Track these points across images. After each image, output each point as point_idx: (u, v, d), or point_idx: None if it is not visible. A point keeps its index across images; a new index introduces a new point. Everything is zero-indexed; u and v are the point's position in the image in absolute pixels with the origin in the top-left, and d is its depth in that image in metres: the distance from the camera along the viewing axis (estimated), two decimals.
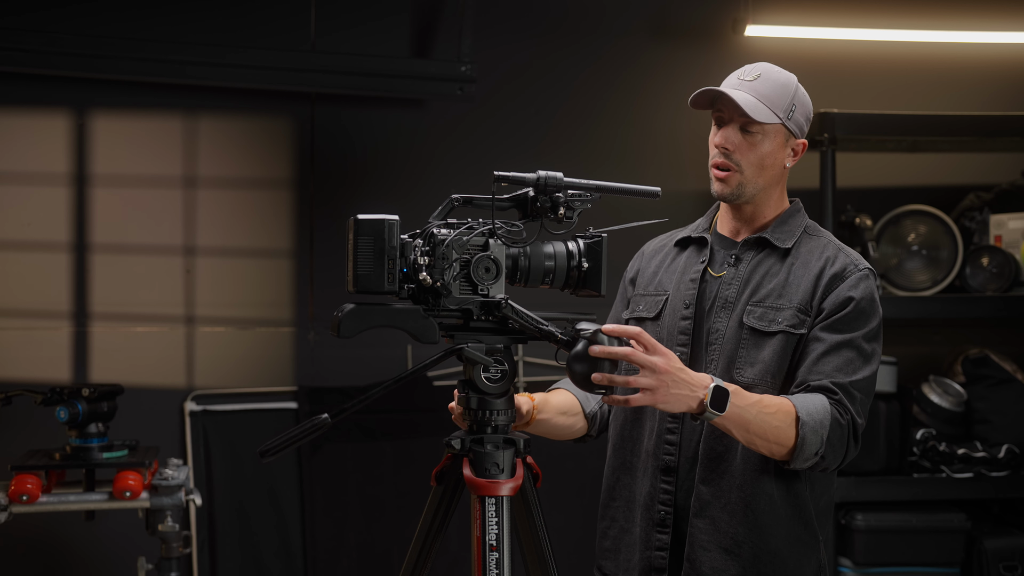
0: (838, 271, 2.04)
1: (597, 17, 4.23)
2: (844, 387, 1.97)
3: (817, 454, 1.93)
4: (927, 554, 3.85)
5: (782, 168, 2.10)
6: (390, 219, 1.82)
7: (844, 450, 1.96)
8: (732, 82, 2.09)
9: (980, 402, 4.02)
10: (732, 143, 2.05)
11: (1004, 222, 4.07)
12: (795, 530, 2.04)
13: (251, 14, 3.95)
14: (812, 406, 1.93)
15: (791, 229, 2.11)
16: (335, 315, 1.83)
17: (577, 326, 1.91)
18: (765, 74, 2.06)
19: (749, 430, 1.90)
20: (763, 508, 2.02)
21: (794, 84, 2.07)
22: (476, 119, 4.13)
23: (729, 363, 2.06)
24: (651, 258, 2.27)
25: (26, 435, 3.56)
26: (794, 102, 2.05)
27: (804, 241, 2.10)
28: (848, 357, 1.99)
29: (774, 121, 2.03)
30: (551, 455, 4.01)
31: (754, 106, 2.02)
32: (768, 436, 1.91)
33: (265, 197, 4.02)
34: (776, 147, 2.06)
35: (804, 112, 2.09)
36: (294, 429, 1.83)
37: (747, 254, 2.12)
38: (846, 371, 1.98)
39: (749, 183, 2.06)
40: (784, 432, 1.91)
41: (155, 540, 3.30)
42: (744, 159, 2.05)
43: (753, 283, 2.08)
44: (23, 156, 3.80)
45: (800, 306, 2.03)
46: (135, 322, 3.87)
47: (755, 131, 2.04)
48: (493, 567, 1.88)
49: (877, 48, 4.26)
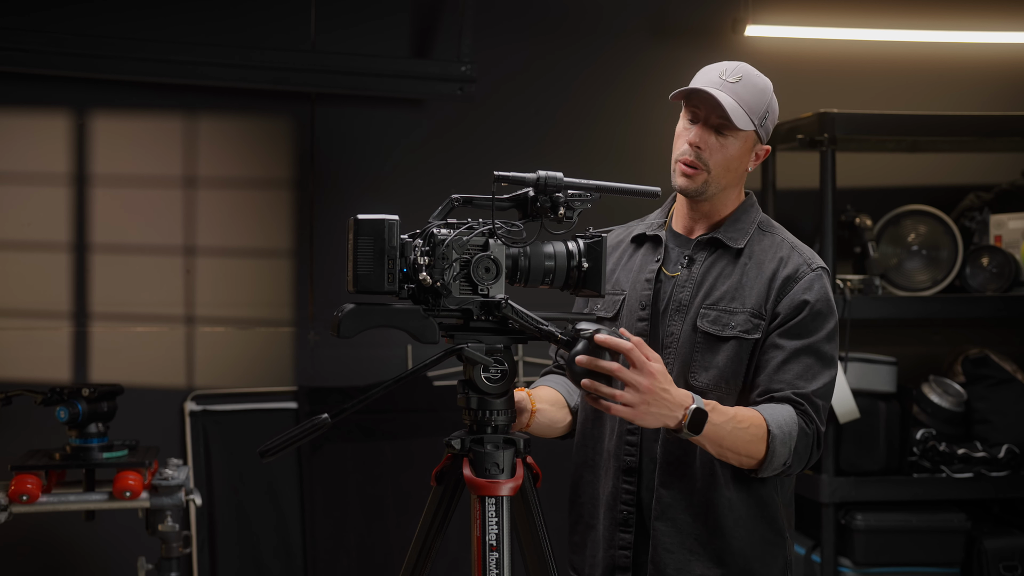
0: (791, 273, 2.03)
1: (597, 17, 4.23)
2: (807, 396, 1.99)
3: (785, 464, 1.96)
4: (927, 554, 3.85)
5: (744, 170, 2.11)
6: (390, 219, 1.82)
7: (808, 456, 1.99)
8: (713, 79, 2.07)
9: (980, 402, 4.02)
10: (705, 143, 2.05)
11: (1004, 222, 4.07)
12: (758, 529, 2.05)
13: (251, 14, 3.95)
14: (781, 418, 1.95)
15: (743, 227, 2.10)
16: (335, 315, 1.83)
17: (577, 326, 1.91)
18: (746, 78, 2.06)
19: (723, 445, 1.92)
20: (723, 510, 2.03)
21: (770, 91, 2.08)
22: (476, 119, 4.13)
23: (684, 367, 2.05)
24: (610, 254, 2.24)
25: (26, 435, 3.56)
26: (768, 110, 2.06)
27: (757, 239, 2.10)
28: (807, 363, 2.00)
29: (750, 128, 2.03)
30: (551, 455, 4.00)
31: (736, 111, 2.01)
32: (740, 450, 1.93)
33: (265, 197, 4.02)
34: (744, 151, 2.07)
35: (773, 119, 2.11)
36: (294, 429, 1.83)
37: (700, 254, 2.11)
38: (806, 378, 1.99)
39: (713, 183, 2.06)
40: (755, 446, 1.93)
41: (155, 540, 3.29)
42: (712, 159, 2.05)
43: (707, 285, 2.07)
44: (23, 156, 3.80)
45: (753, 310, 2.03)
46: (135, 322, 3.87)
47: (729, 134, 2.04)
48: (493, 567, 1.88)
49: (877, 48, 4.26)
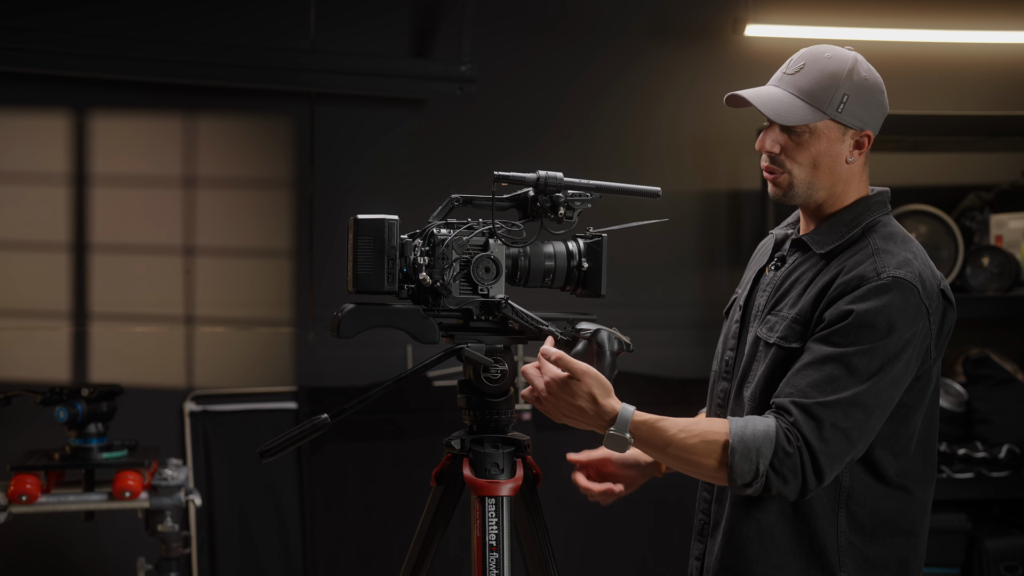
0: (851, 279, 1.81)
1: (597, 16, 4.23)
2: (806, 408, 1.75)
3: (754, 484, 1.75)
4: (928, 554, 3.83)
5: (844, 164, 1.90)
6: (390, 219, 1.82)
7: (800, 481, 1.75)
8: (775, 76, 1.93)
9: (981, 402, 4.02)
10: (776, 145, 1.90)
11: (1005, 222, 4.06)
12: (793, 563, 1.87)
13: (251, 14, 3.95)
14: (751, 431, 1.76)
15: (840, 229, 1.90)
16: (335, 315, 1.83)
17: (577, 326, 1.91)
18: (810, 64, 1.88)
19: (666, 453, 1.80)
20: (749, 535, 1.89)
21: (844, 72, 1.85)
22: (476, 119, 4.12)
23: (743, 375, 1.95)
24: (759, 247, 2.15)
25: (26, 435, 3.56)
26: (845, 92, 1.85)
27: (853, 243, 1.89)
28: (831, 373, 1.76)
29: (811, 120, 1.85)
30: (551, 455, 4.00)
31: (785, 107, 1.86)
32: (689, 464, 1.80)
33: (265, 197, 4.02)
34: (830, 143, 1.88)
35: (863, 99, 1.87)
36: (294, 429, 1.83)
37: (793, 256, 1.97)
38: (823, 389, 1.76)
39: (801, 184, 1.90)
40: (704, 462, 1.78)
41: (155, 540, 3.29)
42: (791, 160, 1.89)
43: (783, 289, 1.93)
44: (23, 156, 3.80)
45: (799, 316, 1.85)
46: (135, 322, 3.87)
47: (800, 131, 1.87)
48: (493, 567, 1.88)
49: (877, 48, 4.23)
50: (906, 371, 1.80)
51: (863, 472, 1.86)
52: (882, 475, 1.86)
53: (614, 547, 4.11)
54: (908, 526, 1.90)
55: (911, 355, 1.79)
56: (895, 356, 1.77)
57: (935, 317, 1.82)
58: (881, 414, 1.79)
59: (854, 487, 1.86)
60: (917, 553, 1.92)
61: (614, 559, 4.11)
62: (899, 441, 1.86)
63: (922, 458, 1.90)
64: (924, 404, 1.88)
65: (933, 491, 1.95)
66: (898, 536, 1.89)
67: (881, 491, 1.87)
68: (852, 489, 1.86)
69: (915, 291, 1.79)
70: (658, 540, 4.11)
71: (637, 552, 4.10)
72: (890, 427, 1.84)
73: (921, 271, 1.82)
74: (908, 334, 1.78)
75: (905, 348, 1.77)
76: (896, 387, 1.79)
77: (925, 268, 1.84)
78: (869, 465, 1.86)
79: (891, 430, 1.85)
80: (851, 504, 1.86)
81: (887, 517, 1.88)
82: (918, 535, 1.92)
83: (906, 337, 1.77)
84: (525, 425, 3.85)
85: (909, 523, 1.90)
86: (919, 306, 1.79)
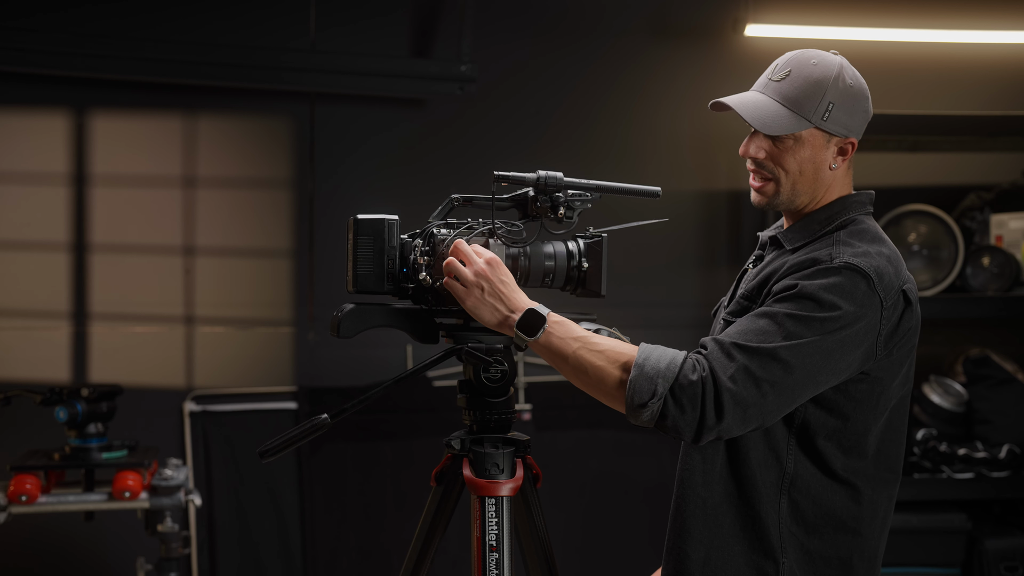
0: (803, 261, 1.80)
1: (597, 16, 4.23)
2: (723, 344, 1.72)
3: (649, 404, 1.69)
4: (928, 554, 3.85)
5: (828, 170, 1.88)
6: (390, 219, 1.82)
7: (698, 414, 1.68)
8: (760, 81, 1.92)
9: (981, 402, 4.02)
10: (761, 151, 1.89)
11: (1005, 222, 4.06)
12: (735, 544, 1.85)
13: (251, 13, 3.95)
14: (657, 354, 1.73)
15: (812, 227, 1.89)
16: (335, 315, 1.84)
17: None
18: (796, 70, 1.86)
19: (568, 362, 1.76)
20: (695, 513, 1.86)
21: (830, 79, 1.83)
22: (475, 118, 4.12)
23: None
24: None
25: (25, 435, 3.56)
26: (830, 100, 1.83)
27: (821, 239, 1.87)
28: (761, 327, 1.72)
29: (796, 129, 1.84)
30: (551, 455, 4.00)
31: (770, 116, 1.85)
32: (588, 374, 1.75)
33: (265, 197, 4.02)
34: (815, 151, 1.86)
35: (848, 107, 1.85)
36: (294, 429, 1.83)
37: (770, 254, 1.95)
38: (747, 336, 1.72)
39: (786, 191, 1.89)
40: (606, 372, 1.74)
41: (154, 540, 3.29)
42: (777, 167, 1.88)
43: (755, 284, 1.91)
44: (23, 156, 3.80)
45: (747, 292, 1.87)
46: (134, 322, 3.87)
47: (784, 138, 1.86)
48: (493, 567, 1.88)
49: (877, 48, 4.25)
50: (841, 349, 1.73)
51: (807, 461, 1.84)
52: (828, 468, 1.84)
53: (613, 547, 4.11)
54: (854, 525, 1.86)
55: (850, 336, 1.73)
56: (831, 331, 1.71)
57: (889, 313, 1.77)
58: (803, 381, 1.72)
59: (798, 474, 1.83)
60: (864, 555, 1.88)
61: (614, 559, 4.11)
62: (847, 438, 1.83)
63: (878, 462, 1.87)
64: (879, 409, 1.84)
65: (892, 496, 1.91)
66: (843, 533, 1.85)
67: (826, 484, 1.84)
68: (796, 476, 1.83)
69: (867, 279, 1.75)
70: (658, 540, 4.09)
71: (637, 552, 4.10)
72: (834, 421, 1.81)
73: (880, 266, 1.78)
74: (851, 316, 1.73)
75: (844, 328, 1.72)
76: (826, 360, 1.72)
77: (887, 265, 1.79)
78: (812, 454, 1.83)
79: (836, 424, 1.82)
80: (793, 492, 1.83)
81: (831, 512, 1.85)
82: (866, 536, 1.88)
83: (848, 319, 1.72)
84: (525, 425, 3.85)
85: (856, 522, 1.86)
86: (869, 294, 1.75)
